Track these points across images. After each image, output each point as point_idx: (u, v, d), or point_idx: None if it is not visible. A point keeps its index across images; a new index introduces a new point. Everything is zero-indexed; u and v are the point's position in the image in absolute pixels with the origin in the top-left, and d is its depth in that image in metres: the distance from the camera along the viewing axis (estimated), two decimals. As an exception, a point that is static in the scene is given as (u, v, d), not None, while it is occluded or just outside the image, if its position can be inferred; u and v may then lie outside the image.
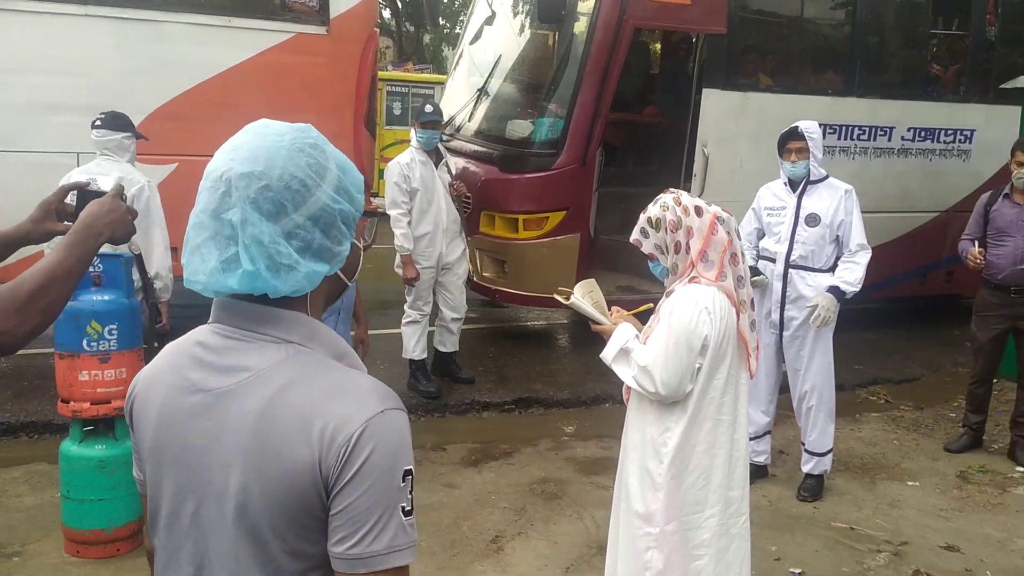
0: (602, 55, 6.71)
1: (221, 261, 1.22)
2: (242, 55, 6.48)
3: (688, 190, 7.31)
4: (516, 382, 6.74)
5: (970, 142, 8.35)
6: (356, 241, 1.35)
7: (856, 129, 7.77)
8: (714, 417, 2.79)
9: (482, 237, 6.96)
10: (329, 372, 1.24)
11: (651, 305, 3.04)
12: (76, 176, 4.81)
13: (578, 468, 5.27)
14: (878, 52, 8.40)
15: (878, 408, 6.62)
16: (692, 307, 2.72)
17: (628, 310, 3.09)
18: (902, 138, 8.01)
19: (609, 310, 3.06)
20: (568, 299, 3.04)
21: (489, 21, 8.22)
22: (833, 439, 4.92)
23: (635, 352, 2.84)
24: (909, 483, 5.18)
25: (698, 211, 2.77)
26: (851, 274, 4.65)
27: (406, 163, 6.04)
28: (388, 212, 6.07)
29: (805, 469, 4.94)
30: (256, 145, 1.24)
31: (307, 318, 1.29)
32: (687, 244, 2.77)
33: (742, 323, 2.80)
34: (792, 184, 4.83)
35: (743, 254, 2.86)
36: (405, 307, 6.30)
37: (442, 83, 21.10)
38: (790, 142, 4.75)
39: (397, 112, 18.17)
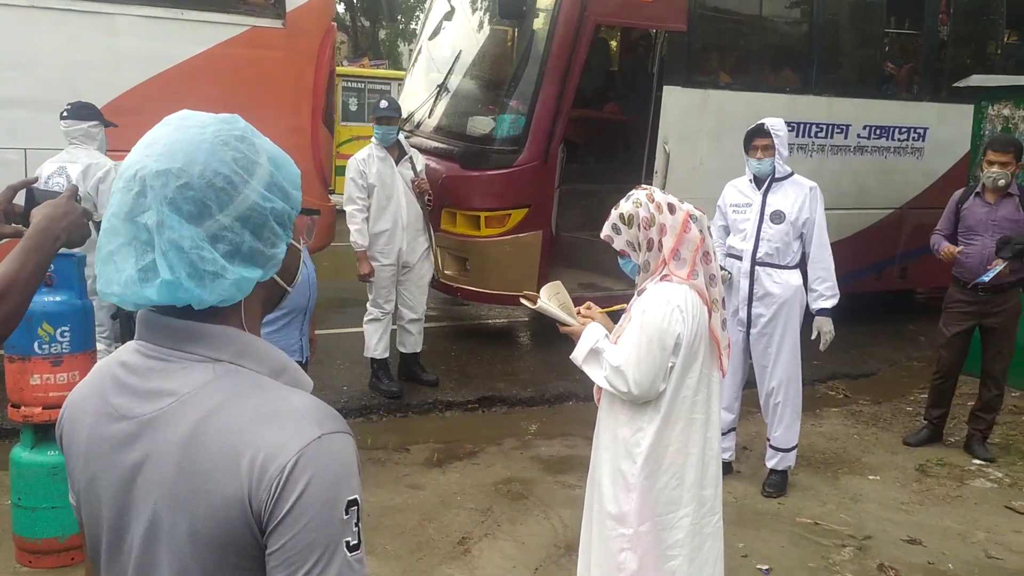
0: (563, 51, 6.69)
1: (138, 270, 1.09)
2: (195, 49, 6.31)
3: (649, 187, 7.33)
4: (479, 381, 6.69)
5: (923, 140, 8.48)
6: (295, 242, 1.22)
7: (814, 127, 7.85)
8: (687, 416, 2.77)
9: (443, 235, 6.89)
10: (262, 393, 1.11)
11: (624, 305, 3.00)
12: (47, 166, 4.79)
13: (544, 467, 5.24)
14: (834, 50, 8.49)
15: (837, 403, 6.70)
16: (664, 305, 2.69)
17: (601, 308, 3.05)
18: (858, 136, 8.11)
19: (579, 308, 3.02)
20: (535, 303, 2.97)
21: (448, 16, 8.15)
22: (798, 435, 4.95)
23: (606, 352, 2.80)
24: (870, 477, 5.23)
25: (671, 208, 2.74)
26: (826, 286, 4.73)
27: (363, 159, 5.98)
28: (344, 208, 6.00)
29: (770, 465, 4.96)
30: (174, 139, 1.11)
31: (237, 332, 1.15)
32: (660, 241, 2.74)
33: (714, 321, 2.78)
34: (757, 181, 4.84)
35: (715, 252, 2.84)
36: (367, 305, 6.21)
37: (399, 79, 21.00)
38: (756, 139, 4.75)
39: (353, 108, 18.02)
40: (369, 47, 26.63)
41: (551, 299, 2.98)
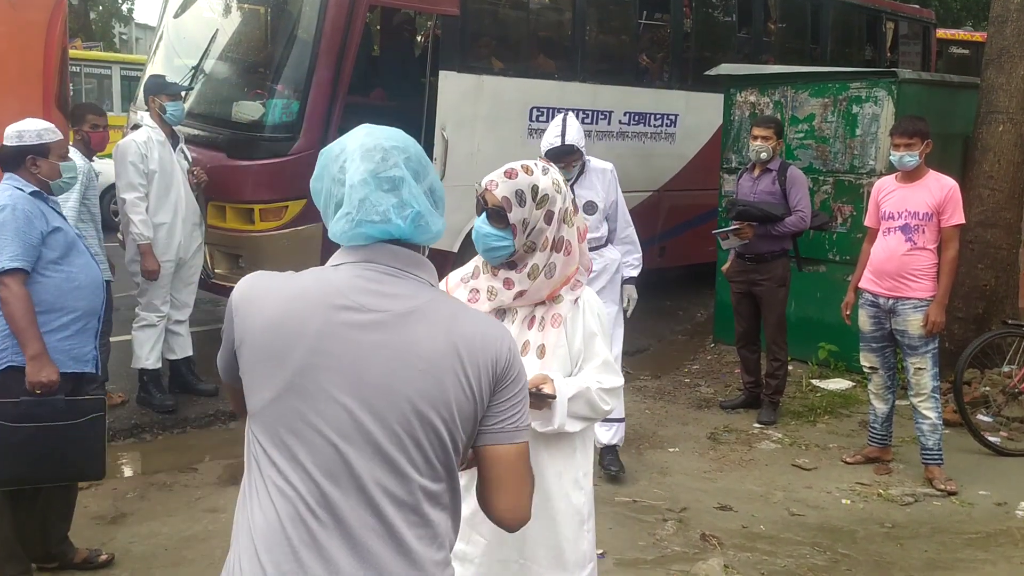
0: (337, 32, 6.35)
1: (392, 205, 1.56)
2: None
3: (428, 174, 7.15)
4: (263, 386, 6.19)
5: (675, 126, 8.99)
6: None
7: (580, 113, 8.01)
8: None
9: (212, 230, 6.28)
10: (461, 304, 1.73)
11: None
12: None
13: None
14: (596, 39, 8.77)
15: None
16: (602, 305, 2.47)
17: None
18: (619, 121, 8.43)
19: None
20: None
21: (197, -6, 7.48)
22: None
23: (592, 385, 2.31)
24: (670, 449, 5.42)
25: (576, 208, 2.43)
26: (634, 257, 4.83)
27: (143, 141, 5.36)
28: (123, 196, 5.33)
29: (613, 441, 4.79)
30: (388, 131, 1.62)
31: (430, 264, 1.64)
32: (572, 246, 2.33)
33: None
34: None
35: None
36: (138, 309, 5.56)
37: (121, 62, 19.25)
38: (564, 158, 4.37)
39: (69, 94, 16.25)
40: (80, 28, 24.18)
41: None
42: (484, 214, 2.28)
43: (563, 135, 4.39)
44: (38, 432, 3.31)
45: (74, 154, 5.27)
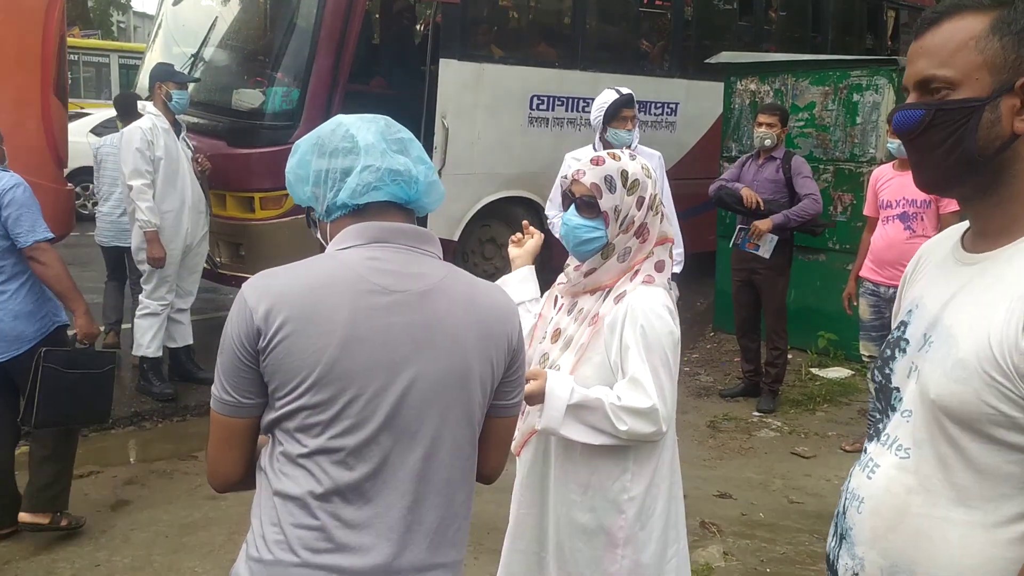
0: (337, 20, 6.34)
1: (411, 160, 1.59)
2: None
3: (429, 163, 7.14)
4: (262, 374, 6.21)
5: (675, 114, 8.97)
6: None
7: (581, 101, 8.01)
8: (673, 437, 2.30)
9: (212, 219, 6.29)
10: (473, 277, 1.72)
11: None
12: None
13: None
14: (597, 27, 8.73)
15: (622, 369, 6.92)
16: (663, 311, 2.15)
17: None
18: (620, 110, 8.40)
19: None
20: None
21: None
22: None
23: (608, 398, 2.09)
24: (670, 438, 5.43)
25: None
26: (676, 252, 4.70)
27: (148, 128, 5.37)
28: (129, 183, 5.33)
29: None
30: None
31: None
32: (651, 234, 2.19)
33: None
34: None
35: None
36: (141, 297, 5.58)
37: (120, 50, 19.20)
38: (625, 109, 4.54)
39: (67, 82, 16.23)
40: (78, 16, 24.08)
41: None
42: (572, 206, 2.21)
43: (617, 91, 4.55)
44: (82, 378, 3.71)
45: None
